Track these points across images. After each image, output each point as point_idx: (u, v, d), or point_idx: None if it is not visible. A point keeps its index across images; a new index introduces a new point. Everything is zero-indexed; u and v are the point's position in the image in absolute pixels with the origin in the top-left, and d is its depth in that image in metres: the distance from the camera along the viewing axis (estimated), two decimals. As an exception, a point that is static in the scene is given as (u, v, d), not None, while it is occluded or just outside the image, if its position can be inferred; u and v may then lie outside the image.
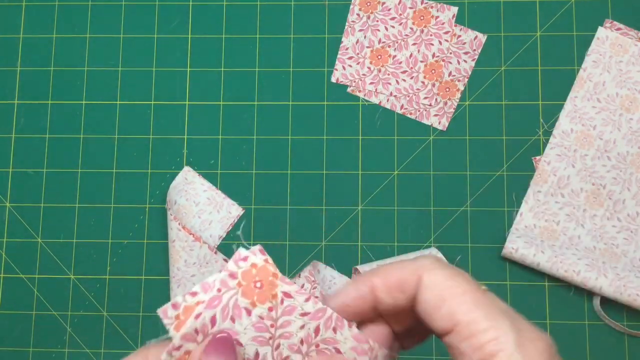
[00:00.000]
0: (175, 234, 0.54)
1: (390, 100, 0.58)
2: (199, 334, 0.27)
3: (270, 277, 0.27)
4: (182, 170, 0.58)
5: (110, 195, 0.58)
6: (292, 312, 0.28)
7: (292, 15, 0.60)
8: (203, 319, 0.27)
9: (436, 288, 0.27)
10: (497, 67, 0.59)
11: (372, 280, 0.28)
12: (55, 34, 0.61)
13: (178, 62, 0.60)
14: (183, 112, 0.59)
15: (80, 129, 0.59)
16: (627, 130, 0.56)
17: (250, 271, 0.27)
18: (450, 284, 0.26)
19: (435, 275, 0.27)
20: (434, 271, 0.27)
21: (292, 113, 0.59)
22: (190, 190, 0.57)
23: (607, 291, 0.52)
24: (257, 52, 0.60)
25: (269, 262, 0.27)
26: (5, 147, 0.59)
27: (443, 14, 0.59)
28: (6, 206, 0.59)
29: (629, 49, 0.57)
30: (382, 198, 0.57)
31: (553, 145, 0.57)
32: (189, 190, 0.57)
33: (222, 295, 0.27)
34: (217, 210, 0.57)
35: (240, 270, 0.27)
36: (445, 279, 0.27)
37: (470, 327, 0.25)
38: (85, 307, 0.57)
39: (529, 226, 0.56)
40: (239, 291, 0.27)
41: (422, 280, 0.27)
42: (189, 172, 0.58)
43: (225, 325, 0.27)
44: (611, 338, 0.54)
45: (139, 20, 0.61)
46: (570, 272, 0.53)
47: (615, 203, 0.55)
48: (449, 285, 0.26)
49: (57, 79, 0.60)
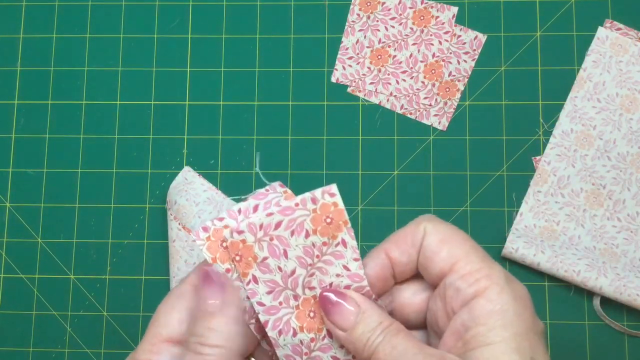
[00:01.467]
0: (175, 233, 0.54)
1: (390, 100, 0.58)
2: (262, 229, 0.29)
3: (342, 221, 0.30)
4: (182, 170, 0.58)
5: (110, 195, 0.58)
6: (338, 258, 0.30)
7: (292, 15, 0.60)
8: (272, 219, 0.29)
9: (439, 234, 0.30)
10: (497, 67, 0.59)
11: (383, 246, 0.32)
12: (55, 34, 0.61)
13: (178, 62, 0.60)
14: (183, 112, 0.59)
15: (80, 129, 0.59)
16: (627, 130, 0.56)
17: (329, 206, 0.30)
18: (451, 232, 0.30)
19: (438, 224, 0.31)
20: (436, 221, 0.31)
21: (292, 113, 0.59)
22: (190, 190, 0.57)
23: (607, 291, 0.52)
24: (257, 52, 0.60)
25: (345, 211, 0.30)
26: (5, 147, 0.59)
27: (443, 14, 0.59)
28: (6, 206, 0.59)
29: (629, 49, 0.57)
30: (382, 198, 0.57)
31: (553, 145, 0.57)
32: (189, 190, 0.57)
33: (296, 210, 0.30)
34: (217, 210, 0.57)
35: (322, 200, 0.30)
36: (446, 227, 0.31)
37: (467, 266, 0.29)
38: (85, 307, 0.57)
39: (529, 226, 0.56)
40: (310, 215, 0.30)
41: (425, 228, 0.31)
42: (189, 172, 0.58)
43: (285, 233, 0.30)
44: (611, 338, 0.54)
45: (139, 20, 0.61)
46: (570, 272, 0.53)
47: (615, 203, 0.55)
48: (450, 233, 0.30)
49: (57, 79, 0.60)
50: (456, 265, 0.29)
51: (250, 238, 0.29)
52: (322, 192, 0.29)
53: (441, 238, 0.30)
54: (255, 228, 0.29)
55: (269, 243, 0.30)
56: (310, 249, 0.30)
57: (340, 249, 0.30)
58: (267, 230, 0.30)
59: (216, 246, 0.30)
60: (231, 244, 0.29)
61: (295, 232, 0.30)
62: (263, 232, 0.30)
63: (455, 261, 0.29)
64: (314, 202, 0.30)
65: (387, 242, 0.32)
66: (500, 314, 0.27)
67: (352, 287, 0.31)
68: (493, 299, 0.28)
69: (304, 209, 0.30)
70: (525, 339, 0.27)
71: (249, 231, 0.29)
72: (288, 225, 0.30)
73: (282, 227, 0.30)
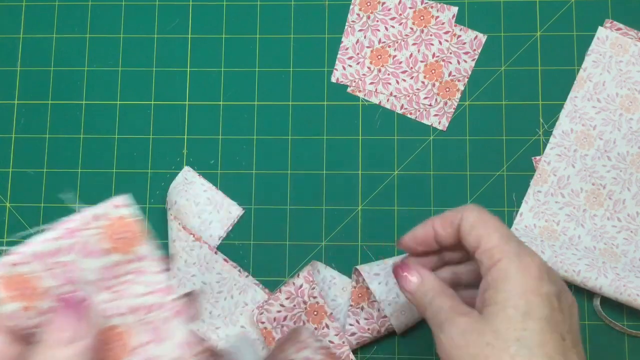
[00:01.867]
0: (175, 234, 0.54)
1: (390, 100, 0.58)
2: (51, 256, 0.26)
3: (137, 234, 0.27)
4: (182, 170, 0.58)
5: (110, 195, 0.58)
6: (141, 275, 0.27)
7: (292, 15, 0.60)
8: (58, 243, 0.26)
9: (470, 219, 0.38)
10: (497, 67, 0.59)
11: (433, 219, 0.41)
12: (55, 34, 0.61)
13: (178, 62, 0.60)
14: (183, 112, 0.59)
15: (80, 129, 0.59)
16: (627, 130, 0.56)
17: (121, 220, 0.27)
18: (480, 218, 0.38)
19: (472, 211, 0.39)
20: (471, 210, 0.39)
21: (292, 113, 0.59)
22: (190, 190, 0.57)
23: (607, 291, 0.52)
24: (257, 52, 0.60)
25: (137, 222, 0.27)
26: (5, 147, 0.59)
27: (443, 14, 0.59)
28: (6, 206, 0.59)
29: (629, 49, 0.57)
30: (382, 198, 0.57)
31: (553, 145, 0.57)
32: (189, 190, 0.57)
33: (85, 231, 0.27)
34: (217, 210, 0.57)
35: (113, 214, 0.27)
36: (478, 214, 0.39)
37: (488, 244, 0.37)
38: (85, 307, 0.57)
39: (529, 226, 0.56)
40: (103, 232, 0.27)
41: (463, 215, 0.39)
42: (189, 172, 0.58)
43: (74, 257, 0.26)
44: (611, 338, 0.54)
45: (139, 20, 0.61)
46: (570, 272, 0.53)
47: (615, 203, 0.55)
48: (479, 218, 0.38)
49: (57, 79, 0.60)
50: (480, 243, 0.37)
51: (37, 267, 0.26)
52: (111, 206, 0.27)
53: (471, 223, 0.38)
54: (40, 256, 0.26)
55: (62, 270, 0.26)
56: (108, 269, 0.27)
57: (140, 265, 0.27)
58: (55, 257, 0.26)
59: (13, 283, 0.26)
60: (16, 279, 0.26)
61: (90, 253, 0.27)
62: (51, 260, 0.26)
63: (480, 240, 0.37)
64: (103, 218, 0.27)
65: (437, 217, 0.41)
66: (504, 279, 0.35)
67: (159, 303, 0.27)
68: (502, 268, 0.36)
69: (93, 228, 0.27)
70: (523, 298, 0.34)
71: (33, 260, 0.26)
72: (79, 249, 0.26)
73: (72, 251, 0.26)
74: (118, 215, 0.27)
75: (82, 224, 0.27)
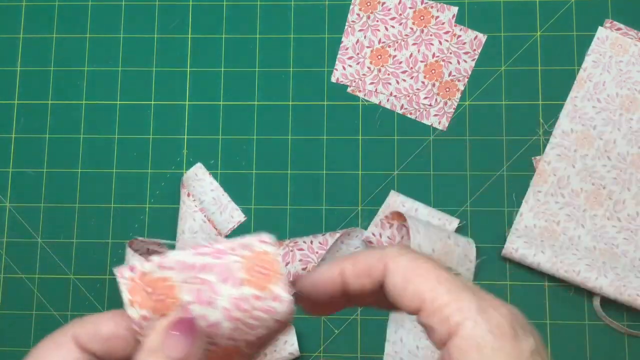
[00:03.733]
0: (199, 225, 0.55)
1: (390, 100, 0.58)
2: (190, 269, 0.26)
3: (277, 273, 0.27)
4: (194, 166, 0.58)
5: (110, 195, 0.58)
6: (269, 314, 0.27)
7: (292, 15, 0.60)
8: (202, 259, 0.26)
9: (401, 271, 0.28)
10: (497, 67, 0.59)
11: (342, 264, 0.29)
12: (55, 34, 0.61)
13: (178, 62, 0.60)
14: (183, 112, 0.59)
15: (80, 129, 0.59)
16: (627, 130, 0.56)
17: (263, 255, 0.27)
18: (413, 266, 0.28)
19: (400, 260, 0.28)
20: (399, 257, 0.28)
21: (292, 113, 0.59)
22: (197, 187, 0.57)
23: (607, 291, 0.52)
24: (257, 52, 0.60)
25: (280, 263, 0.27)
26: (5, 147, 0.59)
27: (443, 14, 0.59)
28: (6, 206, 0.59)
29: (629, 49, 0.57)
30: (382, 198, 0.57)
31: (553, 145, 0.57)
32: (197, 187, 0.57)
33: (229, 255, 0.27)
34: (219, 212, 0.57)
35: (257, 249, 0.27)
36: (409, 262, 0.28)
37: (434, 303, 0.26)
38: (85, 307, 0.57)
39: (529, 226, 0.56)
40: (243, 262, 0.27)
41: (387, 267, 0.28)
42: (200, 169, 0.58)
43: (215, 279, 0.26)
44: (611, 338, 0.54)
45: (139, 20, 0.61)
46: (570, 272, 0.53)
47: (615, 203, 0.55)
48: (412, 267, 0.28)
49: (57, 79, 0.60)
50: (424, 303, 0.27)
51: (177, 277, 0.26)
52: (257, 239, 0.27)
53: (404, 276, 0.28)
54: (183, 266, 0.26)
55: (198, 287, 0.26)
56: (241, 301, 0.27)
57: (273, 305, 0.27)
58: (196, 271, 0.26)
59: (139, 290, 0.26)
60: (153, 281, 0.26)
61: (228, 279, 0.26)
62: (192, 274, 0.26)
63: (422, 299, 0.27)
64: (248, 248, 0.27)
65: (347, 261, 0.30)
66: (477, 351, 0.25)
67: None
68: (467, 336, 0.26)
69: (237, 255, 0.27)
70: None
71: (176, 268, 0.26)
72: (220, 271, 0.26)
73: (213, 271, 0.26)
74: (262, 250, 0.27)
75: (229, 248, 0.27)
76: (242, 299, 0.27)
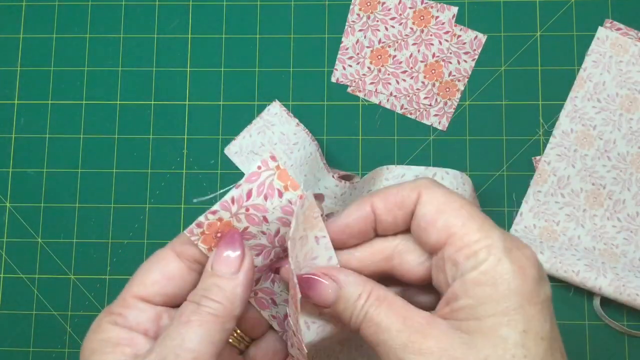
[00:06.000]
0: None
1: (390, 100, 0.58)
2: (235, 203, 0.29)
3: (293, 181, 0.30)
4: (272, 104, 0.58)
5: (110, 195, 0.58)
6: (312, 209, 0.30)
7: (292, 15, 0.60)
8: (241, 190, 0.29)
9: (434, 202, 0.28)
10: (497, 67, 0.59)
11: (372, 199, 0.29)
12: (55, 34, 0.61)
13: (178, 62, 0.60)
14: (183, 112, 0.59)
15: (80, 129, 0.59)
16: (627, 130, 0.56)
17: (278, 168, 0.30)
18: (447, 199, 0.28)
19: (434, 191, 0.28)
20: (433, 188, 0.28)
21: (292, 113, 0.59)
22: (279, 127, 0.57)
23: (607, 291, 0.52)
24: (257, 52, 0.60)
25: None
26: (5, 147, 0.59)
27: (443, 14, 0.59)
28: (6, 206, 0.59)
29: (629, 49, 0.57)
30: (382, 198, 0.57)
31: (553, 145, 0.57)
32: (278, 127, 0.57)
33: (261, 173, 0.30)
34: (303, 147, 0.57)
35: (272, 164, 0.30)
36: (443, 195, 0.28)
37: (464, 238, 0.27)
38: (85, 307, 0.57)
39: (528, 226, 0.56)
40: (276, 173, 0.30)
41: (421, 196, 0.28)
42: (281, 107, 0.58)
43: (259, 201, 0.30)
44: (611, 338, 0.54)
45: (139, 20, 0.61)
46: (569, 273, 0.53)
47: (615, 203, 0.55)
48: (445, 200, 0.28)
49: (57, 79, 0.60)
50: (453, 237, 0.27)
51: (226, 215, 0.29)
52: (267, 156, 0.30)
53: (437, 207, 0.28)
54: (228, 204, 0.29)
55: (246, 214, 0.30)
56: (289, 206, 0.30)
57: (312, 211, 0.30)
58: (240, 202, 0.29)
59: (210, 239, 0.30)
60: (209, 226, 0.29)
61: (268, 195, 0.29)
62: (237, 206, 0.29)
63: (451, 232, 0.27)
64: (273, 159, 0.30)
65: (376, 196, 0.29)
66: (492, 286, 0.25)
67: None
68: (487, 270, 0.26)
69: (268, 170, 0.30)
70: (519, 312, 0.25)
71: (222, 209, 0.29)
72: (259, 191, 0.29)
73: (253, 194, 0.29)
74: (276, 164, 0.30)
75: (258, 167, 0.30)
76: (287, 206, 0.30)
